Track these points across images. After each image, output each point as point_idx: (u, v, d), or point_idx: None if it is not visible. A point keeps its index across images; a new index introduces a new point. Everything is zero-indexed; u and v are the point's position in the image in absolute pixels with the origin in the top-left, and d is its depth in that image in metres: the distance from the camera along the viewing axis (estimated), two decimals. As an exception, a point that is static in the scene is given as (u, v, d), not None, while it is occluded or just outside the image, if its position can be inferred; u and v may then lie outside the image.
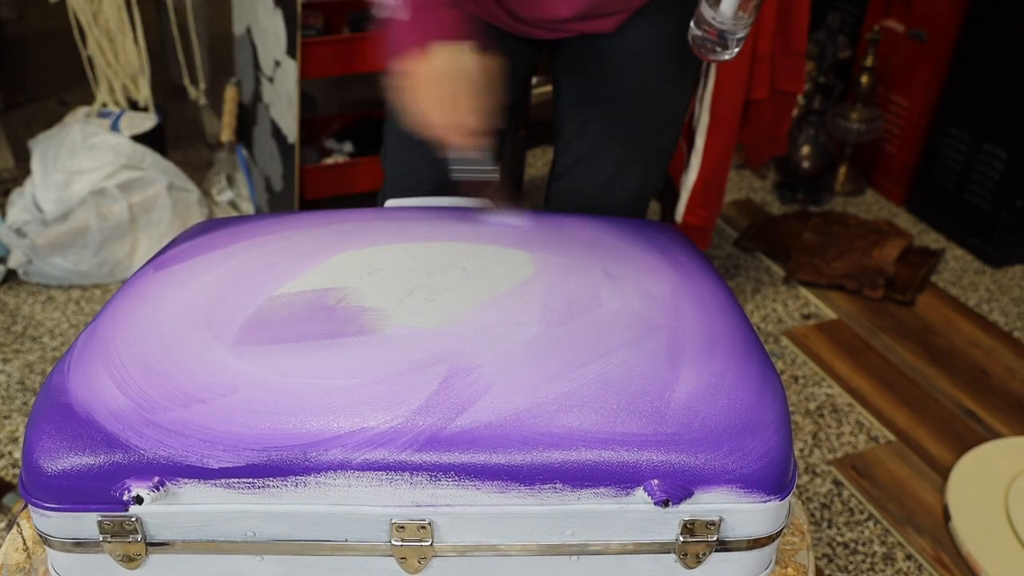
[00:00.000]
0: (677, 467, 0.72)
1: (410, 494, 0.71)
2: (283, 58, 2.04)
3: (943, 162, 2.46)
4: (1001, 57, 2.25)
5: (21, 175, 2.38)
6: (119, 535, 0.73)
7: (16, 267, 2.15)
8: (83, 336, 0.81)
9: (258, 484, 0.70)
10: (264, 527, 0.72)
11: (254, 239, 0.94)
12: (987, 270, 2.36)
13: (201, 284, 0.86)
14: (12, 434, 1.76)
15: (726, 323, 0.84)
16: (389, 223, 0.98)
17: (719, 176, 1.98)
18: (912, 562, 1.55)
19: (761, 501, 0.74)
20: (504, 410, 0.72)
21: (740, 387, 0.76)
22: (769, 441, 0.74)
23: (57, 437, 0.71)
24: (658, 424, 0.73)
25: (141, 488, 0.69)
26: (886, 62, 2.51)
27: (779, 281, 2.28)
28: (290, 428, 0.71)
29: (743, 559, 0.77)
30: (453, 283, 0.86)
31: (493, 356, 0.76)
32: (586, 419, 0.72)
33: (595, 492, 0.72)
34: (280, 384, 0.73)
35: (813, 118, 2.54)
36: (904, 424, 1.84)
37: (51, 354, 1.96)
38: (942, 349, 2.06)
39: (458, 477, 0.71)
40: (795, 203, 2.60)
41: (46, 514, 0.72)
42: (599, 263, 0.91)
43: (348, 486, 0.71)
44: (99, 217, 2.10)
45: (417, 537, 0.73)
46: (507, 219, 1.00)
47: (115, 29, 2.23)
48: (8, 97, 2.96)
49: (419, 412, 0.72)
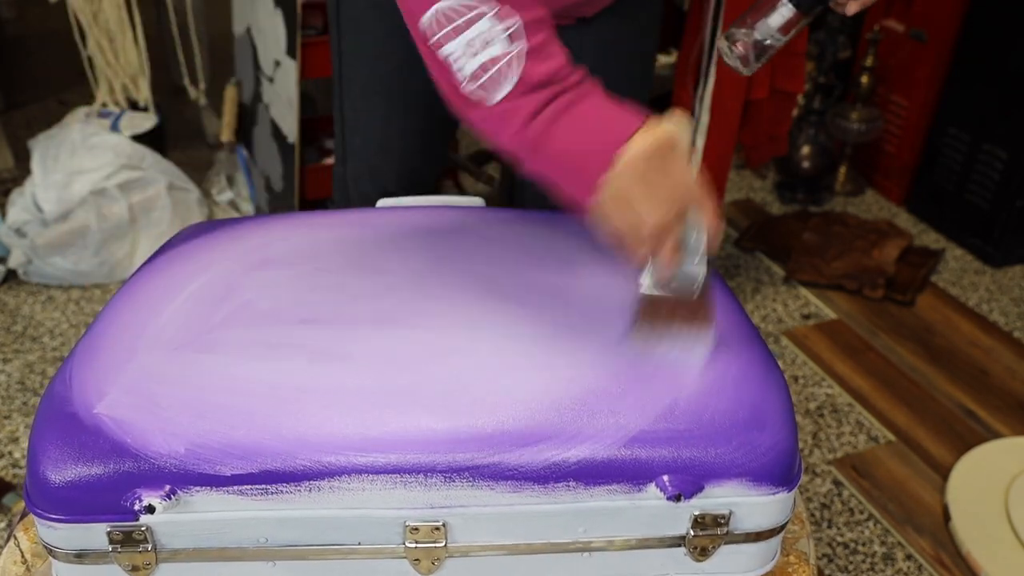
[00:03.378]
0: (688, 462, 0.73)
1: (424, 496, 0.72)
2: (283, 58, 2.04)
3: (943, 162, 2.46)
4: (1001, 57, 2.25)
5: (21, 175, 2.38)
6: (129, 545, 0.72)
7: (16, 267, 2.14)
8: (82, 343, 0.80)
9: (271, 490, 0.70)
10: (276, 533, 0.72)
11: (254, 241, 0.94)
12: (987, 270, 2.36)
13: (203, 287, 0.86)
14: (12, 434, 1.75)
15: (727, 320, 0.85)
16: (388, 223, 0.98)
17: (719, 176, 1.98)
18: (912, 562, 1.56)
19: (770, 493, 0.75)
20: (517, 410, 0.73)
21: (746, 382, 0.78)
22: (777, 434, 0.75)
23: (64, 448, 0.71)
24: (669, 421, 0.74)
25: (153, 497, 0.69)
26: (886, 62, 2.52)
27: (779, 281, 2.29)
28: (303, 433, 0.71)
29: (751, 550, 0.78)
30: (461, 283, 0.86)
31: (504, 356, 0.77)
32: (598, 417, 0.73)
33: (608, 489, 0.73)
34: (291, 388, 0.74)
35: (813, 118, 2.54)
36: (904, 424, 1.85)
37: (51, 354, 1.96)
38: (942, 349, 2.06)
39: (472, 478, 0.71)
40: (795, 203, 2.61)
41: (53, 526, 0.72)
42: (601, 263, 0.91)
43: (362, 489, 0.71)
44: (99, 217, 2.10)
45: (431, 539, 0.73)
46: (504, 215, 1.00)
47: (115, 29, 2.23)
48: (8, 97, 2.95)
49: (433, 414, 0.72)
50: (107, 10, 2.19)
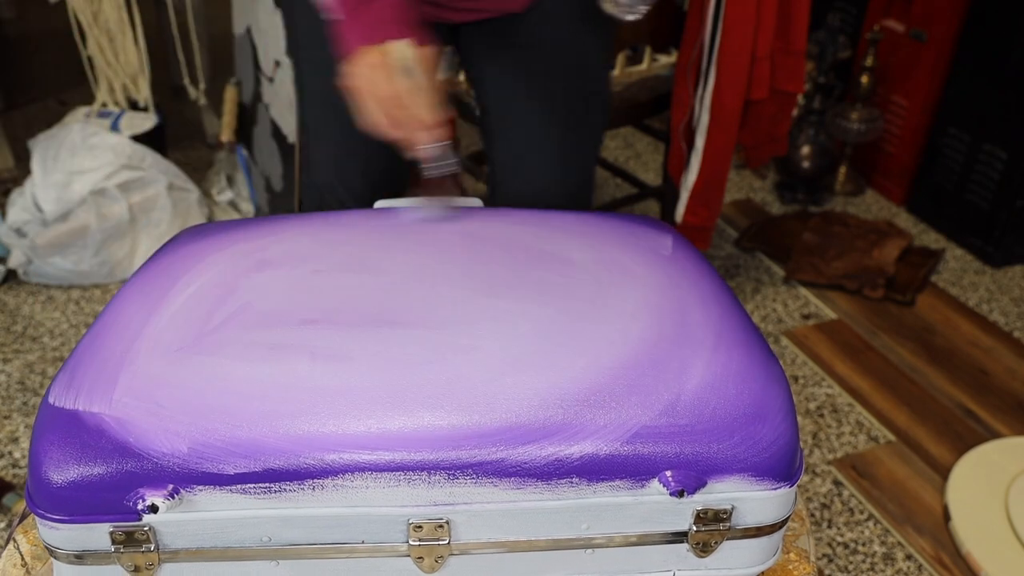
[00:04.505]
0: (690, 458, 0.73)
1: (428, 493, 0.72)
2: (283, 58, 2.04)
3: (943, 162, 2.46)
4: (1001, 57, 2.25)
5: (21, 175, 2.38)
6: (131, 545, 0.72)
7: (16, 267, 2.14)
8: (83, 343, 0.80)
9: (275, 489, 0.70)
10: (280, 532, 0.72)
11: (254, 242, 0.94)
12: (987, 270, 2.37)
13: (203, 288, 0.86)
14: (12, 434, 1.75)
15: (726, 315, 0.85)
16: (387, 223, 0.98)
17: (719, 176, 1.98)
18: (912, 562, 1.56)
19: (771, 488, 0.75)
20: (520, 406, 0.73)
21: (746, 377, 0.78)
22: (778, 429, 0.75)
23: (65, 448, 0.71)
24: (671, 416, 0.74)
25: (156, 497, 0.69)
26: (886, 62, 2.52)
27: (779, 281, 2.29)
28: (306, 431, 0.71)
29: (753, 546, 0.78)
30: (461, 282, 0.86)
31: (505, 354, 0.77)
32: (600, 414, 0.73)
33: (611, 485, 0.73)
34: (294, 387, 0.74)
35: (813, 118, 2.54)
36: (904, 424, 1.85)
37: (51, 354, 1.96)
38: (942, 349, 2.06)
39: (475, 475, 0.71)
40: (795, 203, 2.61)
41: (55, 526, 0.72)
42: (598, 260, 0.91)
43: (366, 487, 0.71)
44: (99, 217, 2.10)
45: (434, 536, 0.73)
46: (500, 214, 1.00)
47: (115, 29, 2.23)
48: (8, 97, 2.95)
49: (436, 411, 0.72)
50: (107, 10, 2.19)
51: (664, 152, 2.15)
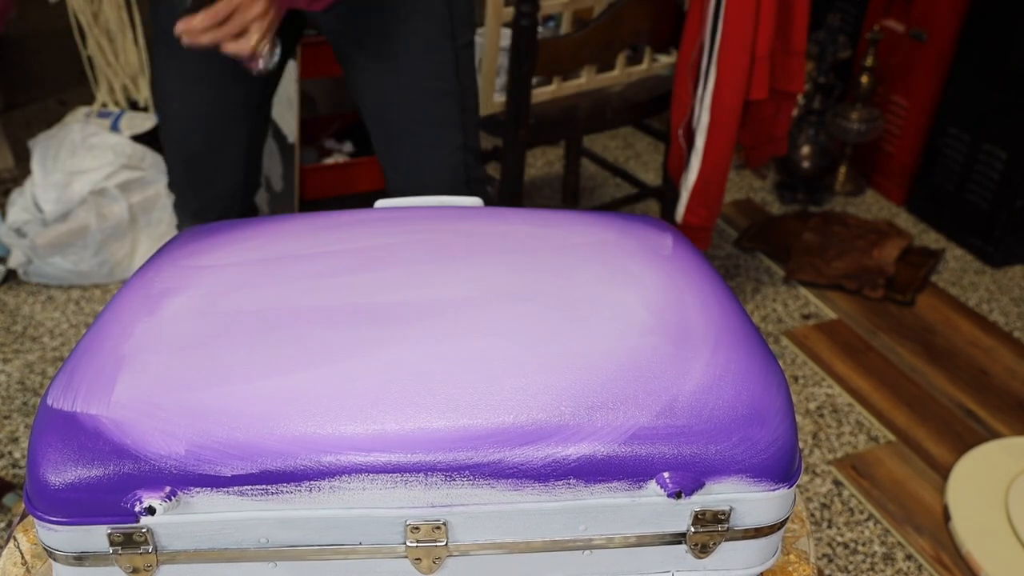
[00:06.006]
0: (688, 459, 0.73)
1: (425, 495, 0.72)
2: (284, 58, 2.04)
3: (943, 162, 2.46)
4: (1001, 57, 2.25)
5: (21, 175, 2.38)
6: (129, 547, 0.72)
7: (16, 267, 2.14)
8: (82, 343, 0.80)
9: (272, 490, 0.70)
10: (277, 534, 0.72)
11: (254, 242, 0.94)
12: (987, 270, 2.37)
13: (203, 288, 0.86)
14: (12, 434, 1.75)
15: (725, 315, 0.85)
16: (387, 224, 0.98)
17: (719, 176, 1.98)
18: (912, 562, 1.56)
19: (770, 489, 0.75)
20: (517, 408, 0.73)
21: (745, 378, 0.77)
22: (776, 430, 0.75)
23: (63, 450, 0.71)
24: (669, 417, 0.73)
25: (153, 499, 0.69)
26: (886, 62, 2.52)
27: (779, 281, 2.29)
28: (304, 433, 0.71)
29: (751, 547, 0.78)
30: (459, 282, 0.86)
31: (503, 355, 0.77)
32: (598, 414, 0.73)
33: (608, 487, 0.73)
34: (292, 388, 0.74)
35: (813, 118, 2.54)
36: (904, 424, 1.85)
37: (51, 354, 1.96)
38: (942, 349, 2.06)
39: (473, 476, 0.71)
40: (795, 203, 2.61)
41: (53, 528, 0.72)
42: (597, 260, 0.91)
43: (363, 489, 0.71)
44: (99, 217, 2.10)
45: (432, 538, 0.73)
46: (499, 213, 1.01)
47: (115, 29, 2.23)
48: (8, 97, 2.95)
49: (433, 412, 0.72)
50: (107, 10, 2.20)
51: (664, 152, 2.15)
